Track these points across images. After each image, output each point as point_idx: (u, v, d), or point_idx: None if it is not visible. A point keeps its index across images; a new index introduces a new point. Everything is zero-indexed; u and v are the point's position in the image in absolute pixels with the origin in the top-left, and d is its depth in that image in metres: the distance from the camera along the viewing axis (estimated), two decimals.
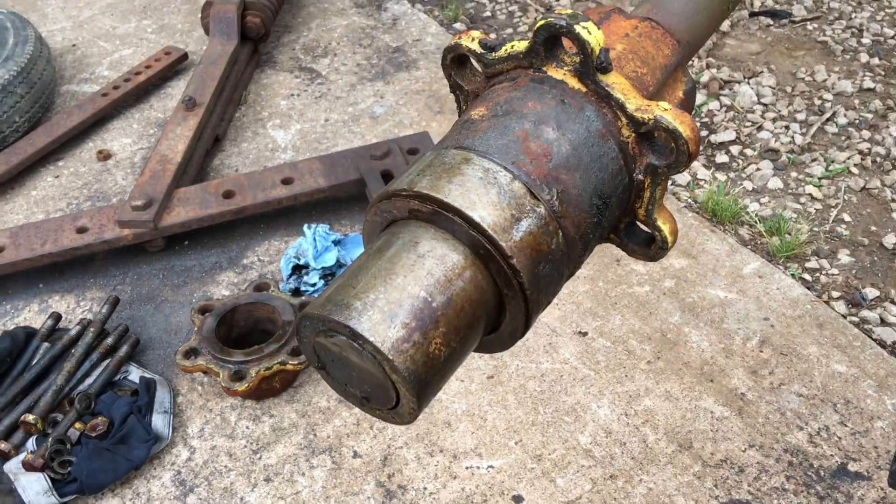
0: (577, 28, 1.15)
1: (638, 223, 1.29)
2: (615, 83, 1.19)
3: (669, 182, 3.53)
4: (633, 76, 1.27)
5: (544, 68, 1.22)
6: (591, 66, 1.17)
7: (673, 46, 1.36)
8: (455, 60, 1.32)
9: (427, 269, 1.07)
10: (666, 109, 1.15)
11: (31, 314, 3.06)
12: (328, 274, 3.04)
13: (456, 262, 1.08)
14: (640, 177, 1.20)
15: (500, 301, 1.13)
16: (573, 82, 1.19)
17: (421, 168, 1.14)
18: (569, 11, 1.17)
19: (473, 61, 1.31)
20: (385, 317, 1.02)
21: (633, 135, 1.18)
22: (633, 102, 1.17)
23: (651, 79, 1.30)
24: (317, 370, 1.14)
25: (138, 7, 4.94)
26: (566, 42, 1.20)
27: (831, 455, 2.52)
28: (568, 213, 1.13)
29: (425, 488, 2.46)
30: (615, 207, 1.21)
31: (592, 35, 1.15)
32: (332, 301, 1.05)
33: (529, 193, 1.10)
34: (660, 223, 1.25)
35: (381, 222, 1.18)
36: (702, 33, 1.44)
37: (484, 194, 1.08)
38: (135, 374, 2.77)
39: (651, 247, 1.29)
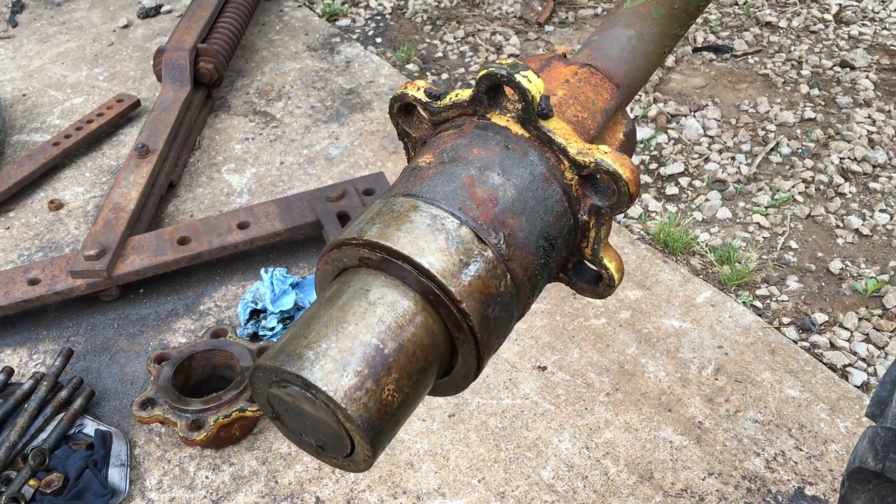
0: (518, 77, 1.19)
1: (585, 262, 1.32)
2: (556, 128, 1.23)
3: (622, 215, 3.59)
4: (575, 120, 1.32)
5: (488, 115, 1.26)
6: (533, 113, 1.21)
7: (612, 91, 1.41)
8: (402, 109, 1.36)
9: (378, 317, 1.08)
10: (606, 153, 1.19)
11: None
12: (286, 318, 3.04)
13: (406, 308, 1.10)
14: (585, 217, 1.24)
15: (452, 345, 1.14)
16: (516, 128, 1.23)
17: (370, 216, 1.16)
18: (509, 61, 1.21)
19: (420, 109, 1.34)
20: (337, 365, 1.03)
21: (576, 177, 1.22)
22: (575, 146, 1.21)
23: (592, 122, 1.34)
24: (271, 420, 1.15)
25: (89, 55, 4.93)
26: (508, 90, 1.24)
27: (788, 480, 2.56)
28: (515, 255, 1.16)
29: None
30: (562, 248, 1.24)
31: (532, 83, 1.19)
32: (284, 352, 1.06)
33: (477, 238, 1.13)
34: (606, 262, 1.28)
35: (332, 271, 1.20)
36: (639, 77, 1.50)
37: (432, 240, 1.11)
38: (90, 426, 2.72)
39: (599, 285, 1.33)
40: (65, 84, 4.67)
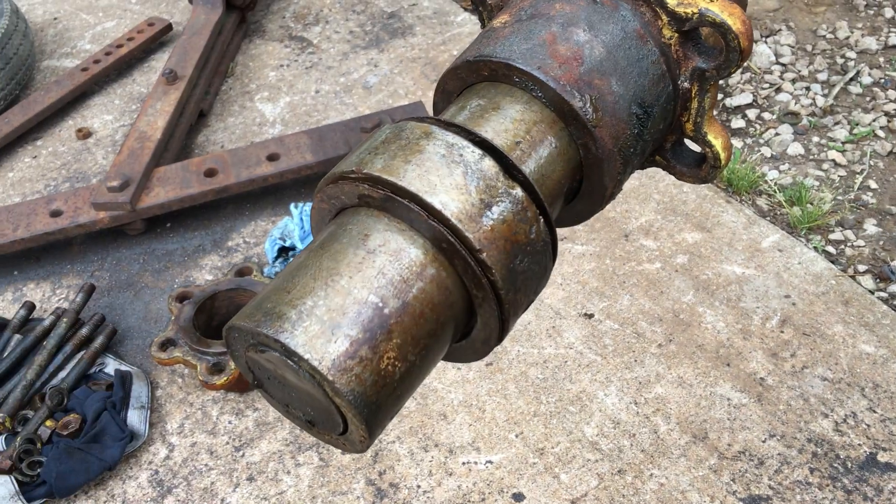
0: None
1: (686, 141, 1.16)
2: None
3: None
4: None
5: None
6: None
7: None
8: None
9: (378, 268, 0.88)
10: (712, 1, 1.00)
11: (4, 303, 2.90)
12: None
13: (414, 258, 0.89)
14: (686, 84, 1.07)
15: (470, 303, 0.93)
16: None
17: (374, 145, 0.95)
18: None
19: None
20: (324, 328, 0.83)
21: (676, 35, 1.05)
22: None
23: None
24: (255, 388, 0.96)
25: None
26: None
27: (859, 444, 2.32)
28: (604, 122, 1.00)
29: (419, 486, 2.29)
30: (658, 119, 1.08)
31: None
32: (261, 309, 0.86)
33: (503, 173, 0.91)
34: (710, 138, 1.11)
35: (328, 210, 0.99)
36: None
37: (447, 175, 0.89)
38: (111, 366, 2.60)
39: (702, 167, 1.16)
40: (96, 7, 4.48)
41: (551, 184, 1.02)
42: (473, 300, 0.92)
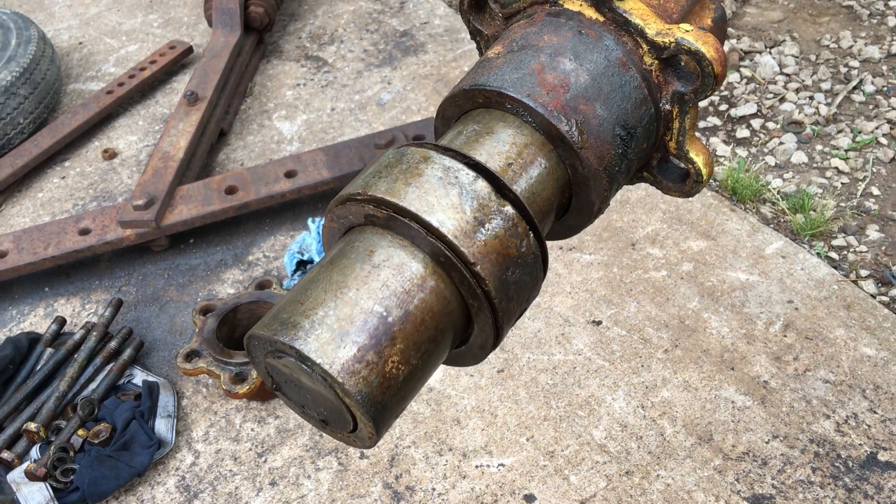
0: None
1: (671, 158, 1.24)
2: (633, 9, 1.14)
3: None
4: (655, 3, 1.21)
5: (560, 1, 1.19)
6: None
7: None
8: (473, 5, 1.29)
9: (382, 281, 0.98)
10: (687, 31, 1.10)
11: (36, 318, 3.03)
12: None
13: (415, 271, 0.99)
14: (668, 106, 1.16)
15: (468, 312, 1.03)
16: (590, 13, 1.16)
17: (378, 168, 1.05)
18: None
19: (491, 3, 1.28)
20: (334, 335, 0.93)
21: (656, 62, 1.14)
22: (654, 27, 1.12)
23: (675, 5, 1.23)
24: (273, 391, 1.06)
25: (144, 2, 4.88)
26: None
27: (860, 444, 2.39)
28: (589, 143, 1.09)
29: (434, 489, 2.39)
30: (642, 139, 1.16)
31: None
32: (278, 319, 0.97)
33: (494, 192, 1.01)
34: (692, 155, 1.20)
35: (338, 228, 1.09)
36: None
37: (443, 196, 0.99)
38: (139, 377, 2.72)
39: (686, 182, 1.25)
40: (120, 31, 4.64)
41: (541, 201, 1.12)
42: (470, 309, 1.02)
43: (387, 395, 0.95)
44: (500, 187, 1.02)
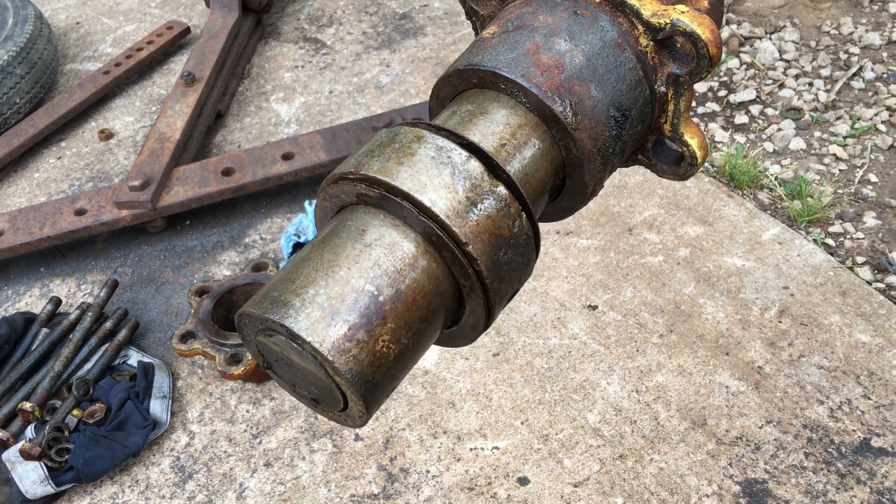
0: None
1: (665, 140, 1.24)
2: None
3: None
4: None
5: None
6: None
7: None
8: None
9: (374, 260, 0.97)
10: (683, 12, 1.09)
11: (32, 299, 3.03)
12: None
13: (406, 250, 0.98)
14: (663, 88, 1.16)
15: (460, 292, 1.03)
16: None
17: (371, 148, 1.05)
18: None
19: None
20: (325, 314, 0.93)
21: (652, 44, 1.13)
22: (649, 8, 1.12)
23: None
24: (265, 370, 1.06)
25: None
26: None
27: (853, 430, 2.40)
28: (583, 124, 1.09)
29: (428, 471, 2.39)
30: (636, 121, 1.16)
31: None
32: (268, 297, 0.96)
33: (487, 173, 1.00)
34: (687, 138, 1.20)
35: (331, 208, 1.09)
36: None
37: (436, 175, 0.98)
38: (134, 358, 2.72)
39: (681, 164, 1.24)
40: (117, 11, 4.61)
41: (535, 182, 1.12)
42: (462, 289, 1.02)
43: (377, 374, 0.95)
44: (493, 167, 1.01)
